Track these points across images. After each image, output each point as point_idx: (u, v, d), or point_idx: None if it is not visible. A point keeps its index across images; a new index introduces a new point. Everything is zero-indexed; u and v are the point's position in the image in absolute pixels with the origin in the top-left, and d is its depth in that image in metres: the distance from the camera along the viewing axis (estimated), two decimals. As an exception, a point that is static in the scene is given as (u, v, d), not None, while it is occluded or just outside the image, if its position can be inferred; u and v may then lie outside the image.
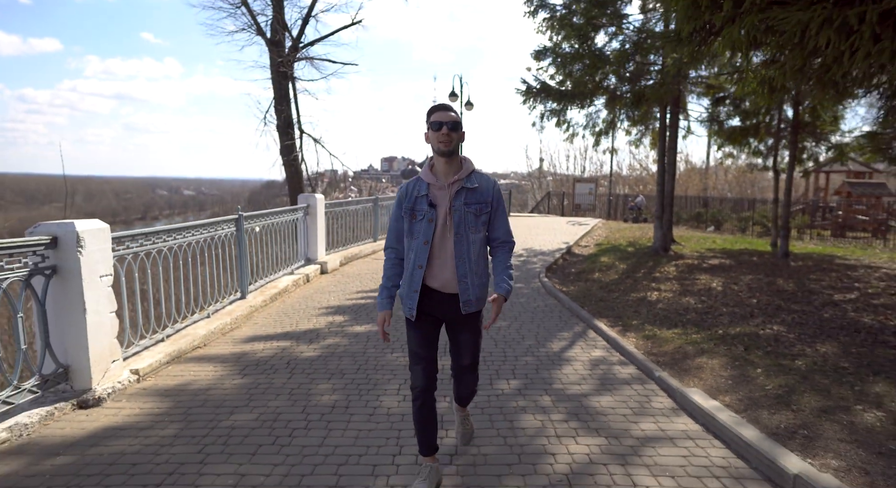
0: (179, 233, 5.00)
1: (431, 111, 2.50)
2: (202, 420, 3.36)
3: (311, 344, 4.94)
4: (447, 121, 2.44)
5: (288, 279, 7.51)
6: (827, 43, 2.58)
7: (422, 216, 2.47)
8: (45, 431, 3.21)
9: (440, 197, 2.48)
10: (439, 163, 2.50)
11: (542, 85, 10.86)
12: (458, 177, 2.48)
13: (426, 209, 2.46)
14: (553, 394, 3.75)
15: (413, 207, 2.50)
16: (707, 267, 8.83)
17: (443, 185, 2.48)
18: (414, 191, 2.53)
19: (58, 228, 3.52)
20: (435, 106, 2.51)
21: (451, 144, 2.45)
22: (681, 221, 18.26)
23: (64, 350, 3.58)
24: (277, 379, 4.04)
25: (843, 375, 3.81)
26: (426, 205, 2.46)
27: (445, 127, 2.43)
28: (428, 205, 2.46)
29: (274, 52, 11.45)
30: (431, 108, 2.51)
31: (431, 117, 2.48)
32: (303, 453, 2.93)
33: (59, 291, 3.54)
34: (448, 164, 2.49)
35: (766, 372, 3.91)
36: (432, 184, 2.50)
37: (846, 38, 2.53)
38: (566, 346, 4.87)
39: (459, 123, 2.49)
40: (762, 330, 5.04)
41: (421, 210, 2.47)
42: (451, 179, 2.48)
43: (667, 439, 3.11)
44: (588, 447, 3.01)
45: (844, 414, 3.20)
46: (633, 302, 6.42)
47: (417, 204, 2.49)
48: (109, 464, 2.82)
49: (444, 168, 2.49)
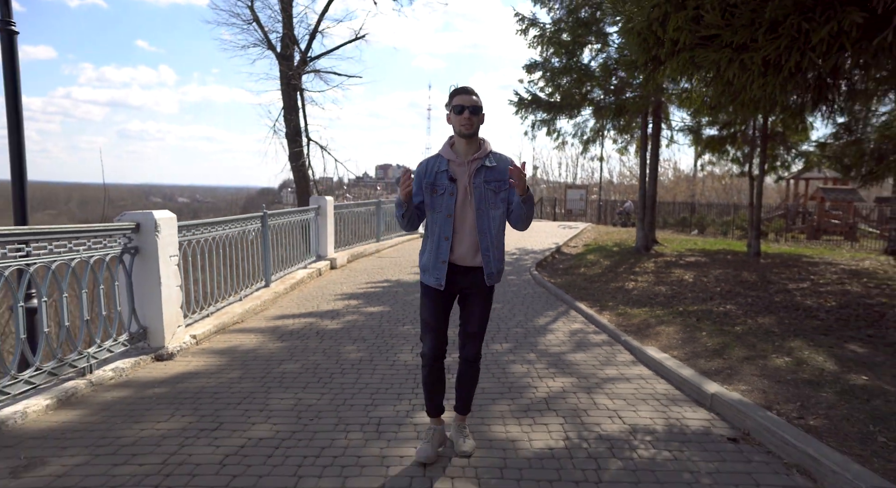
0: (218, 226, 5.92)
1: (453, 94, 2.59)
2: (258, 368, 4.28)
3: (333, 319, 5.86)
4: (469, 105, 2.54)
5: (303, 272, 8.42)
6: (733, 76, 3.54)
7: (443, 190, 2.61)
8: (137, 374, 4.12)
9: (459, 172, 2.61)
10: (460, 144, 2.63)
11: (533, 96, 11.88)
12: (476, 156, 2.62)
13: (447, 184, 2.60)
14: (537, 352, 4.69)
15: (434, 182, 2.63)
16: (683, 263, 9.81)
17: (462, 162, 2.62)
18: (434, 167, 2.65)
19: (140, 216, 4.45)
20: (457, 89, 2.60)
21: (473, 127, 2.56)
22: (668, 225, 19.30)
23: (143, 314, 4.49)
24: (311, 343, 4.96)
25: (770, 337, 4.79)
26: (447, 180, 2.60)
27: (467, 111, 2.54)
28: (448, 179, 2.60)
29: (284, 65, 12.44)
30: (453, 91, 2.60)
31: (454, 100, 2.57)
32: (342, 387, 3.85)
33: (140, 267, 4.45)
34: (468, 145, 2.62)
35: (709, 335, 4.88)
36: (452, 160, 2.63)
37: (743, 73, 3.50)
38: (550, 322, 5.83)
39: (480, 107, 2.58)
40: (716, 308, 6.02)
41: (442, 185, 2.61)
42: (471, 157, 2.62)
43: (624, 379, 4.05)
44: (562, 383, 3.95)
45: (761, 361, 4.16)
46: (612, 290, 7.38)
47: (438, 179, 2.62)
48: (196, 393, 3.73)
49: (464, 148, 2.63)
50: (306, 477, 2.59)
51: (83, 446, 2.91)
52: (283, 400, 3.59)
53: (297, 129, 12.78)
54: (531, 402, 3.59)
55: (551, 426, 3.20)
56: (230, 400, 3.60)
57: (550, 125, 12.54)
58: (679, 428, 3.19)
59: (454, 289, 2.71)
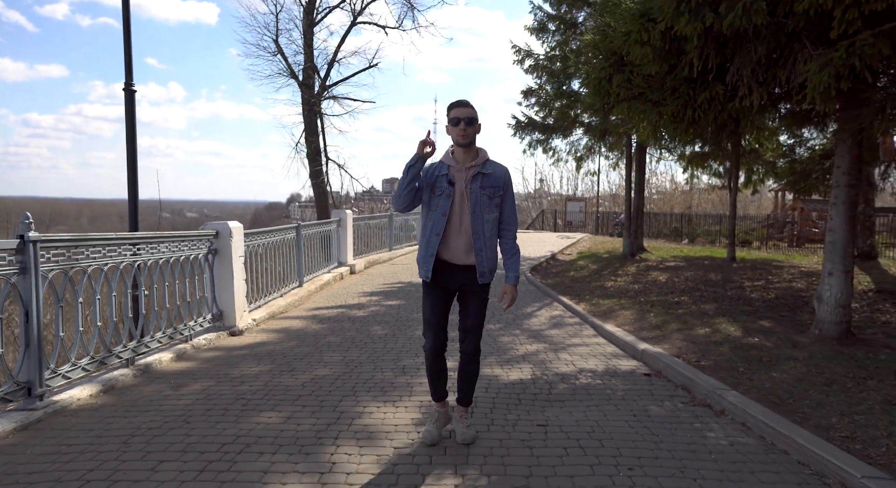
0: (267, 234, 7.44)
1: (451, 107, 2.87)
2: (309, 339, 5.77)
3: (359, 310, 7.36)
4: (464, 116, 2.82)
5: (328, 275, 9.93)
6: (655, 121, 5.02)
7: (441, 192, 2.90)
8: (221, 343, 5.62)
9: (458, 177, 2.90)
10: (458, 152, 2.92)
11: (529, 119, 13.46)
12: (474, 163, 2.90)
13: (445, 186, 2.89)
14: (521, 329, 6.16)
15: (434, 183, 2.93)
16: (662, 267, 11.24)
17: (461, 169, 2.90)
18: (436, 171, 2.95)
19: (219, 225, 5.98)
20: (453, 102, 2.88)
21: (469, 137, 2.84)
22: (661, 235, 20.73)
23: (220, 301, 6.00)
24: (345, 325, 6.44)
25: (703, 317, 6.24)
26: (446, 183, 2.89)
27: (463, 122, 2.81)
28: (447, 183, 2.89)
29: (305, 92, 14.09)
30: (451, 105, 2.88)
31: (451, 113, 2.85)
32: (374, 350, 5.32)
33: (218, 264, 5.97)
34: (466, 153, 2.90)
35: (656, 316, 6.34)
36: (452, 166, 2.92)
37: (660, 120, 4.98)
38: (536, 310, 7.30)
39: (475, 118, 2.85)
40: (672, 299, 7.47)
41: (441, 187, 2.90)
42: (469, 164, 2.90)
43: (584, 345, 5.51)
44: (537, 347, 5.41)
45: (687, 331, 5.61)
46: (592, 287, 8.84)
47: (438, 181, 2.92)
48: (269, 353, 5.21)
49: (462, 156, 2.92)
50: (360, 393, 4.06)
51: (207, 378, 4.40)
52: (333, 357, 5.07)
53: (317, 150, 14.38)
54: (512, 357, 5.05)
55: (524, 369, 4.66)
56: (295, 356, 5.09)
57: (546, 144, 14.10)
58: (613, 370, 4.65)
59: (452, 286, 3.03)
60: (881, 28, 3.29)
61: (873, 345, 4.93)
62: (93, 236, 4.07)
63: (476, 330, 3.10)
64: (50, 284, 3.63)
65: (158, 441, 3.15)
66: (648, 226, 21.27)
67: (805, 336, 5.26)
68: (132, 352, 4.51)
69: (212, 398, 3.90)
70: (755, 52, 3.92)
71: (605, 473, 2.80)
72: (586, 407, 3.75)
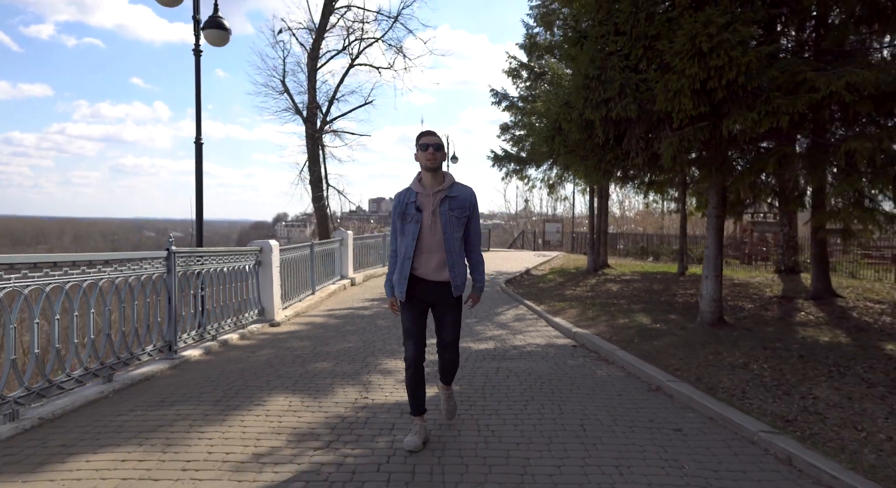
0: (292, 250, 9.52)
1: (420, 136, 3.24)
2: (331, 328, 7.83)
3: (365, 311, 9.44)
4: (433, 143, 3.18)
5: (333, 286, 12.00)
6: (585, 169, 7.22)
7: (410, 218, 3.23)
8: (267, 331, 7.67)
9: (426, 203, 3.20)
10: (426, 177, 3.23)
11: (506, 152, 15.76)
12: (441, 188, 3.20)
13: (414, 213, 3.21)
14: (491, 322, 8.28)
15: (405, 211, 3.24)
16: (619, 280, 13.45)
17: (429, 193, 3.21)
18: (405, 199, 3.28)
19: (263, 243, 8.06)
20: (422, 132, 3.24)
21: (436, 162, 3.18)
22: (630, 254, 23.05)
23: (262, 300, 8.05)
24: (356, 320, 8.51)
25: (628, 313, 8.41)
26: (414, 210, 3.20)
27: (432, 148, 3.16)
28: (416, 209, 3.20)
29: (309, 128, 16.28)
30: (420, 134, 3.25)
31: (420, 140, 3.20)
32: (381, 334, 7.38)
33: (262, 273, 8.04)
34: (434, 178, 3.22)
35: (593, 312, 8.51)
36: (420, 192, 3.22)
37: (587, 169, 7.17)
38: (505, 310, 9.44)
39: (443, 145, 3.21)
40: (612, 302, 9.65)
41: (410, 214, 3.22)
42: (437, 189, 3.19)
43: (536, 331, 7.64)
44: (501, 332, 7.53)
45: (612, 321, 7.78)
46: (554, 294, 11.01)
47: (408, 209, 3.23)
48: (306, 335, 7.26)
49: (430, 180, 3.23)
50: (377, 354, 6.13)
51: (269, 348, 6.44)
52: (352, 338, 7.14)
53: (318, 177, 16.52)
54: (482, 338, 7.16)
55: (490, 343, 6.77)
56: (325, 337, 7.15)
57: (521, 173, 16.38)
58: (551, 344, 6.78)
59: (427, 300, 3.40)
60: (698, 125, 5.56)
61: (735, 327, 7.13)
62: (199, 250, 6.16)
63: (454, 344, 3.56)
64: (180, 280, 5.70)
65: (260, 372, 5.20)
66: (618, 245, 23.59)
67: (692, 323, 7.45)
68: (215, 332, 6.55)
69: (279, 357, 5.96)
70: (637, 130, 6.15)
71: (530, 387, 4.90)
72: (527, 362, 5.87)
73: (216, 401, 4.33)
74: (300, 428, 3.80)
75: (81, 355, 4.31)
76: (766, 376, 4.91)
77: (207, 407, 4.20)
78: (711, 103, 5.52)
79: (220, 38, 8.40)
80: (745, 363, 5.35)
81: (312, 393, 4.60)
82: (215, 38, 8.34)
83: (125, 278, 4.82)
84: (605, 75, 5.97)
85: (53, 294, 4.05)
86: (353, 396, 4.55)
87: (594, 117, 6.16)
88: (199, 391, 4.61)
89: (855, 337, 6.71)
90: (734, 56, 5.09)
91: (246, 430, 3.74)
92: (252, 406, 4.24)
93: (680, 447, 3.53)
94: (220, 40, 8.44)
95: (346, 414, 4.11)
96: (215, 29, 8.27)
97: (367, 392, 4.69)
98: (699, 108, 5.51)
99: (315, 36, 16.31)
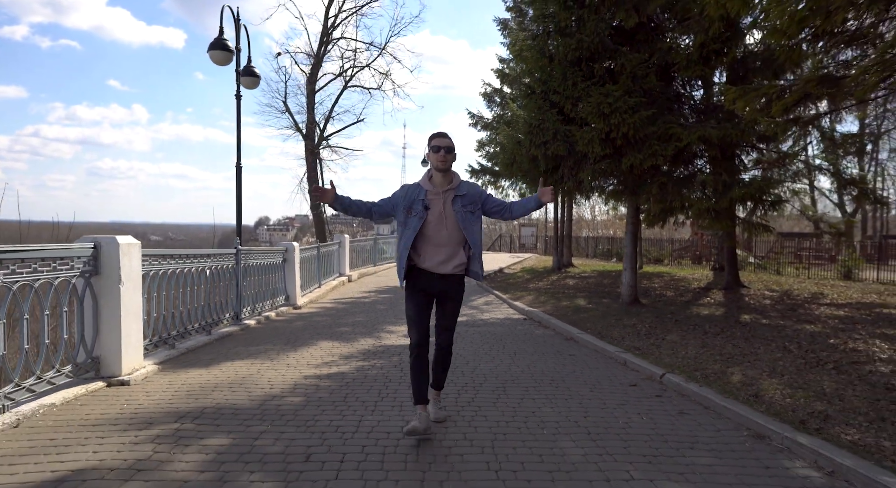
0: (307, 250, 12.02)
1: (432, 137, 3.57)
2: (342, 310, 10.36)
3: (365, 299, 11.98)
4: (444, 146, 3.52)
5: (334, 282, 14.52)
6: (535, 188, 9.76)
7: (415, 213, 3.55)
8: (293, 312, 10.17)
9: (435, 201, 3.56)
10: (437, 177, 3.58)
11: (482, 166, 18.41)
12: (450, 187, 3.57)
13: (421, 210, 3.55)
14: (466, 306, 10.88)
15: (411, 206, 3.57)
16: (577, 277, 16.14)
17: (438, 192, 3.56)
18: (413, 194, 3.61)
19: (287, 244, 10.57)
20: (435, 133, 3.58)
21: (447, 163, 3.54)
22: (597, 255, 25.85)
23: (287, 289, 10.55)
24: (359, 306, 11.04)
25: (572, 298, 11.08)
26: (421, 207, 3.55)
27: (443, 150, 3.51)
28: (423, 207, 3.54)
29: (308, 143, 18.78)
30: (432, 135, 3.59)
31: (432, 142, 3.54)
32: (382, 314, 9.92)
33: (287, 267, 10.54)
34: (444, 177, 3.58)
35: (544, 298, 11.18)
36: (430, 190, 3.57)
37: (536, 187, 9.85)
38: (477, 298, 12.06)
39: (453, 148, 3.53)
40: (562, 292, 12.32)
41: (416, 210, 3.56)
42: (446, 188, 3.55)
43: (499, 311, 10.26)
44: (472, 311, 10.13)
45: (557, 303, 10.43)
46: (520, 287, 13.65)
47: (415, 204, 3.57)
48: (325, 314, 9.78)
49: (440, 180, 3.58)
50: (382, 323, 8.68)
51: (301, 321, 8.96)
52: (361, 316, 9.67)
53: (316, 187, 18.92)
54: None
55: (462, 318, 9.36)
56: (339, 315, 9.68)
57: (495, 184, 19.02)
58: (508, 319, 9.39)
59: (431, 291, 3.74)
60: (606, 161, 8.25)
61: (646, 306, 9.81)
62: (253, 249, 8.70)
63: (451, 328, 3.83)
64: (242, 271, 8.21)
65: (303, 332, 7.70)
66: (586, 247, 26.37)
67: (616, 303, 10.11)
68: (260, 309, 9.06)
69: (311, 325, 8.48)
70: (568, 162, 8.81)
71: (488, 340, 7.48)
72: (489, 327, 8.46)
73: (285, 343, 6.90)
74: (343, 353, 6.38)
75: (194, 316, 6.82)
76: (643, 330, 7.58)
77: (282, 345, 6.76)
78: (614, 147, 8.21)
79: (251, 82, 10.94)
80: (635, 324, 8.02)
81: (345, 341, 7.16)
82: (248, 83, 10.88)
83: (215, 267, 7.33)
84: (544, 125, 8.64)
85: (172, 275, 6.53)
86: (371, 342, 7.12)
87: (537, 153, 8.81)
88: (271, 340, 7.14)
89: (730, 312, 9.43)
90: (625, 117, 7.77)
91: (312, 354, 6.30)
92: (309, 345, 6.80)
93: (569, 362, 6.15)
94: (251, 84, 10.98)
95: (370, 349, 6.69)
96: (248, 76, 10.80)
97: (379, 341, 7.26)
98: (605, 150, 8.19)
99: (314, 62, 18.89)
